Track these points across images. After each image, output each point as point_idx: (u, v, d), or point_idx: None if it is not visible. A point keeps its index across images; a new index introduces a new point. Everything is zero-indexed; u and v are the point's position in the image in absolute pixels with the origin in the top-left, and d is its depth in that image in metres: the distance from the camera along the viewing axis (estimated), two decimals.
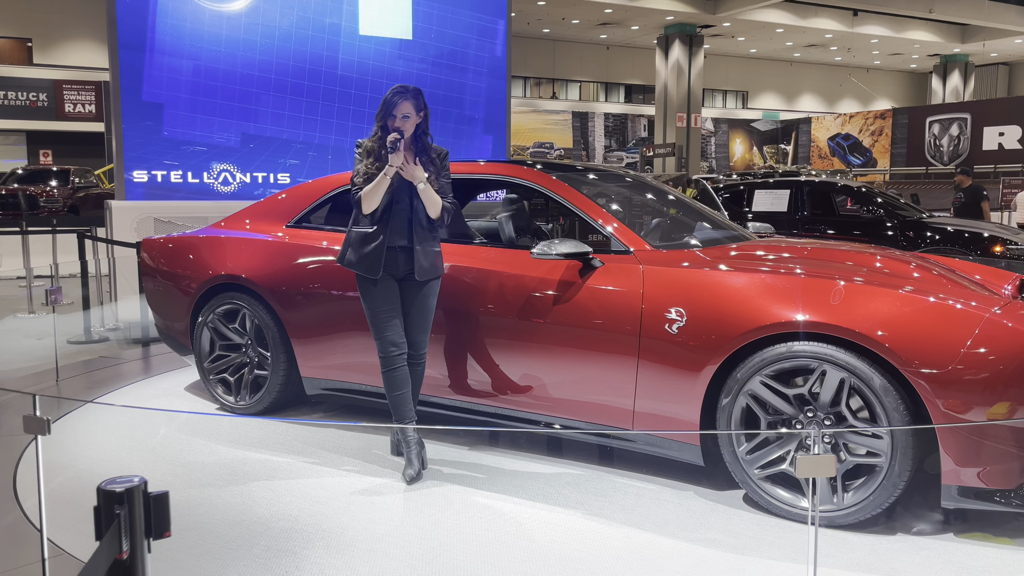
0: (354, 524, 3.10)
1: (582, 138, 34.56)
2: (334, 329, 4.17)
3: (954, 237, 8.14)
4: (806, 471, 2.12)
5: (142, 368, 5.81)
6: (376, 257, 3.48)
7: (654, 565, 2.78)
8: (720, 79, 36.35)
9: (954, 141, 26.18)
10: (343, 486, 3.48)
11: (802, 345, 2.98)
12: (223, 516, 3.18)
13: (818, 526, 2.74)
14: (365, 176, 3.48)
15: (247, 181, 7.96)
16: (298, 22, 8.03)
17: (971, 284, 3.46)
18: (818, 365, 2.95)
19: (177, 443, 4.05)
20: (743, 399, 3.11)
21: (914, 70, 38.98)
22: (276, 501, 3.32)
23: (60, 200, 18.17)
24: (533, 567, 2.75)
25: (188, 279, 4.67)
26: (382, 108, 3.50)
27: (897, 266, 3.59)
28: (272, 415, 4.50)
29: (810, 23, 28.28)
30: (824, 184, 9.72)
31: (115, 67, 7.34)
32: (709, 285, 3.26)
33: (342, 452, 3.89)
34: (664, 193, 4.71)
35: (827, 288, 3.07)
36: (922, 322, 2.90)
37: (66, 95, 25.24)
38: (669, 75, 28.42)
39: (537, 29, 30.63)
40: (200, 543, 2.95)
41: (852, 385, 2.92)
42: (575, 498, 3.33)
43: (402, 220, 3.51)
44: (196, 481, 3.55)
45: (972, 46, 31.66)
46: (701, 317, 3.18)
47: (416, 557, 2.83)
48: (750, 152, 36.89)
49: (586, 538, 2.99)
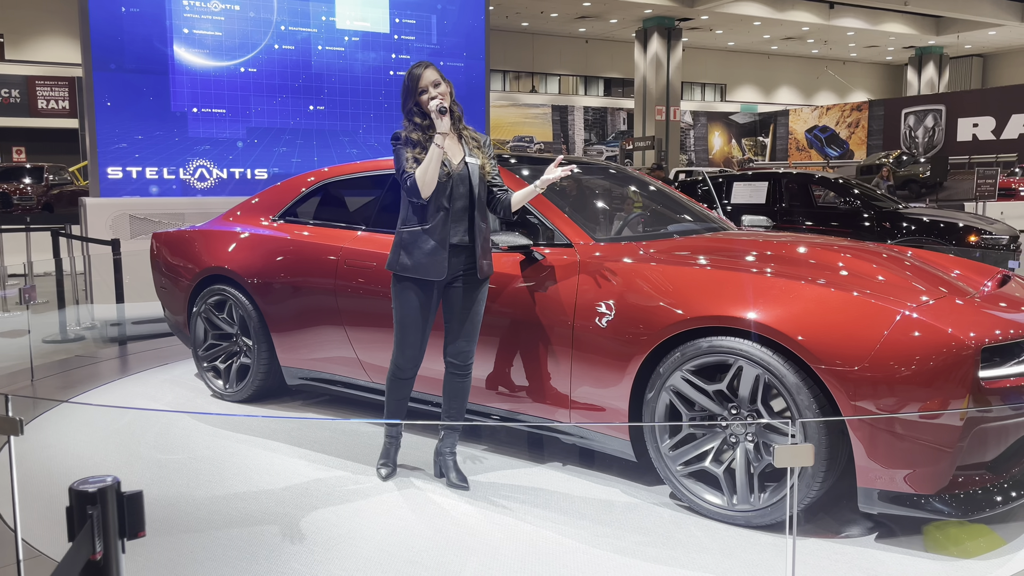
0: (334, 521, 3.08)
1: (562, 132, 34.58)
2: (311, 320, 4.25)
3: (929, 227, 8.23)
4: (784, 461, 2.13)
5: (119, 367, 5.74)
6: (439, 256, 3.17)
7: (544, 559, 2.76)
8: (699, 72, 36.48)
9: (929, 132, 26.46)
10: (322, 483, 3.46)
11: (721, 340, 2.92)
12: (200, 515, 3.16)
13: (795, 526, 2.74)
14: (411, 164, 3.15)
15: (224, 177, 7.89)
16: (275, 18, 7.95)
17: (935, 280, 3.28)
18: (735, 361, 2.89)
19: (154, 442, 4.01)
20: (666, 394, 3.06)
21: (890, 62, 39.32)
22: (254, 499, 3.30)
23: (34, 198, 17.91)
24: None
25: (186, 271, 4.86)
26: (407, 89, 3.21)
27: (856, 263, 3.35)
28: (257, 403, 4.58)
29: (787, 16, 28.43)
30: (801, 176, 9.79)
31: (87, 63, 7.24)
32: (638, 279, 3.22)
33: (321, 448, 3.87)
34: (643, 184, 4.70)
35: (749, 283, 3.01)
36: (836, 318, 2.80)
37: (39, 91, 24.88)
38: (648, 68, 28.48)
39: (516, 22, 30.58)
40: (177, 543, 2.92)
41: (767, 382, 2.84)
42: (500, 485, 3.33)
43: (462, 214, 3.23)
44: (173, 480, 3.52)
45: (947, 38, 31.98)
46: (628, 311, 3.16)
47: (396, 556, 2.83)
48: (729, 145, 37.08)
49: (485, 529, 2.99)
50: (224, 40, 7.76)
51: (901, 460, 2.68)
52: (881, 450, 2.68)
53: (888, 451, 2.68)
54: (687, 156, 34.02)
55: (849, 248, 3.66)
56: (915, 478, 2.68)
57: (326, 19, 8.21)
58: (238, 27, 7.80)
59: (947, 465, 2.66)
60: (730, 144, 37.10)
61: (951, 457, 2.65)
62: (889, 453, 2.68)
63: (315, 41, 8.19)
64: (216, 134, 7.82)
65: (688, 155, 34.54)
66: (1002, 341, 2.75)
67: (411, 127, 3.22)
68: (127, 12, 7.31)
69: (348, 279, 4.08)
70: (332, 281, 4.13)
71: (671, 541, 2.89)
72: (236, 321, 4.59)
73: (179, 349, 6.08)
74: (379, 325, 3.97)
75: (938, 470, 2.67)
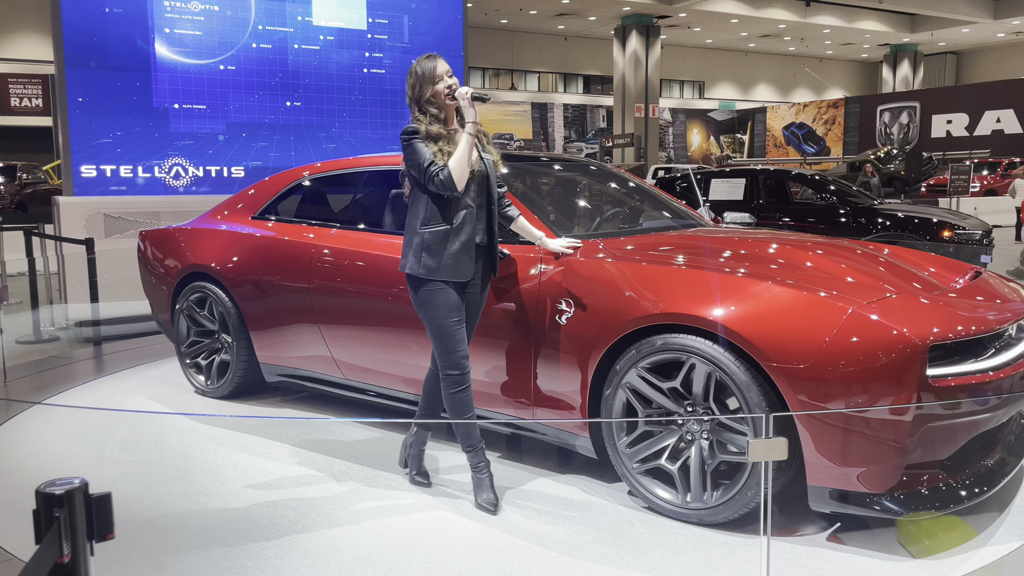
0: (308, 522, 3.07)
1: (542, 129, 34.59)
2: (286, 317, 4.26)
3: (904, 223, 8.31)
4: (758, 455, 2.14)
5: (94, 368, 5.68)
6: (466, 257, 3.03)
7: (487, 555, 2.76)
8: (677, 69, 36.64)
9: (904, 129, 26.74)
10: (295, 483, 3.45)
11: (674, 338, 2.90)
12: (172, 516, 3.13)
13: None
14: (441, 156, 2.97)
15: (200, 175, 7.82)
16: (253, 17, 7.89)
17: (907, 278, 3.27)
18: (688, 358, 2.88)
19: (126, 444, 3.97)
20: (623, 392, 3.05)
21: (865, 59, 39.69)
22: (225, 500, 3.28)
23: (7, 197, 17.65)
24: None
25: (170, 268, 4.90)
26: (418, 83, 3.04)
27: (823, 261, 3.31)
28: (237, 399, 4.63)
29: (764, 13, 28.62)
30: (779, 172, 9.86)
31: (60, 59, 7.15)
32: (595, 277, 3.20)
33: (294, 446, 3.85)
34: (620, 180, 4.71)
35: (702, 280, 2.99)
36: (785, 316, 2.77)
37: (12, 89, 24.49)
38: (627, 66, 28.56)
39: (495, 20, 30.54)
40: (148, 544, 2.89)
41: (718, 379, 2.82)
42: (462, 483, 3.34)
43: (482, 212, 3.10)
44: (145, 481, 3.48)
45: (921, 35, 32.34)
46: (586, 309, 3.16)
47: (363, 560, 2.82)
48: (707, 142, 37.26)
49: (436, 527, 2.99)
50: (204, 39, 7.73)
51: (849, 458, 2.65)
52: (829, 448, 2.66)
53: (836, 449, 2.65)
54: (666, 153, 34.15)
55: (821, 245, 3.65)
56: (864, 476, 2.66)
57: (302, 19, 8.18)
58: (217, 27, 7.79)
59: (896, 463, 2.63)
60: (708, 141, 37.29)
61: (900, 455, 2.62)
62: (837, 451, 2.65)
63: (292, 40, 8.15)
64: (196, 129, 7.77)
65: (667, 152, 34.67)
66: (951, 340, 2.70)
67: (428, 120, 3.04)
68: (111, 12, 7.26)
69: (321, 277, 4.07)
70: (306, 278, 4.13)
71: (621, 539, 2.88)
72: (216, 318, 4.60)
73: (154, 349, 6.02)
74: (352, 323, 3.97)
75: (887, 468, 2.64)
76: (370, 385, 4.04)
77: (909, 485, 2.69)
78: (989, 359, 2.82)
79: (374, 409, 4.15)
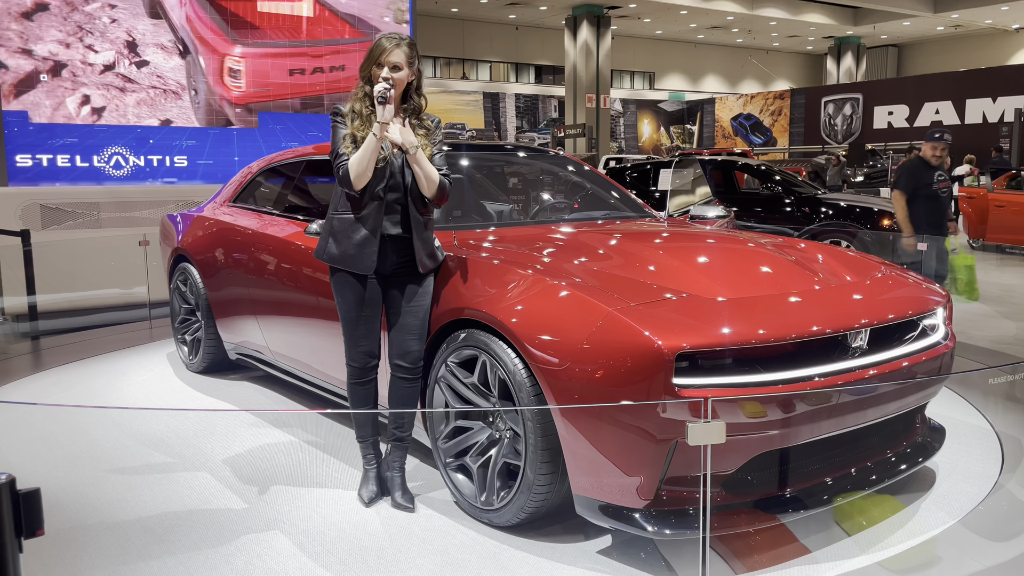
0: (240, 515, 3.03)
1: (494, 119, 34.53)
2: (234, 300, 4.48)
3: (847, 212, 8.51)
4: (698, 439, 2.16)
5: (31, 363, 5.53)
6: (368, 249, 2.93)
7: None
8: (627, 60, 36.87)
9: (847, 120, 27.33)
10: (232, 477, 3.41)
11: (475, 334, 2.84)
12: (105, 512, 3.07)
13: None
14: (353, 144, 2.90)
15: (141, 164, 7.63)
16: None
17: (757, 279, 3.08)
18: (480, 354, 2.83)
19: (60, 439, 3.87)
20: (439, 386, 3.03)
21: (810, 52, 40.43)
22: (157, 494, 3.23)
23: None
24: None
25: (167, 251, 5.27)
26: (368, 58, 2.92)
27: (665, 259, 3.19)
28: (213, 375, 4.91)
29: (712, 5, 28.94)
30: (726, 163, 10.01)
31: None
32: (445, 268, 3.10)
33: (231, 439, 3.81)
34: (560, 168, 4.69)
35: (499, 275, 2.92)
36: (552, 314, 2.67)
37: None
38: (578, 56, 28.66)
39: (445, 8, 30.34)
40: (80, 540, 2.84)
41: (501, 376, 2.75)
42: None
43: (396, 204, 2.96)
44: (78, 477, 3.41)
45: (864, 28, 33.05)
46: (435, 300, 3.09)
47: (290, 555, 2.80)
48: (657, 132, 37.62)
49: None
50: None
51: (601, 469, 2.51)
52: (583, 457, 2.54)
53: (588, 458, 2.53)
54: (617, 144, 34.38)
55: (698, 242, 3.55)
56: (617, 489, 2.51)
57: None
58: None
59: (648, 478, 2.46)
60: (659, 132, 37.64)
61: (650, 470, 2.45)
62: (589, 461, 2.53)
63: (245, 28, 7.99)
64: (131, 121, 7.56)
65: (618, 143, 34.90)
66: (701, 348, 2.46)
67: (360, 95, 2.96)
68: None
69: (256, 262, 4.21)
70: (245, 264, 4.32)
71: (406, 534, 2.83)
72: (193, 297, 4.88)
73: (93, 343, 5.88)
74: (275, 309, 4.08)
75: (638, 483, 2.47)
76: (296, 370, 4.12)
77: (666, 503, 2.51)
78: (770, 372, 2.56)
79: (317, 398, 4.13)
